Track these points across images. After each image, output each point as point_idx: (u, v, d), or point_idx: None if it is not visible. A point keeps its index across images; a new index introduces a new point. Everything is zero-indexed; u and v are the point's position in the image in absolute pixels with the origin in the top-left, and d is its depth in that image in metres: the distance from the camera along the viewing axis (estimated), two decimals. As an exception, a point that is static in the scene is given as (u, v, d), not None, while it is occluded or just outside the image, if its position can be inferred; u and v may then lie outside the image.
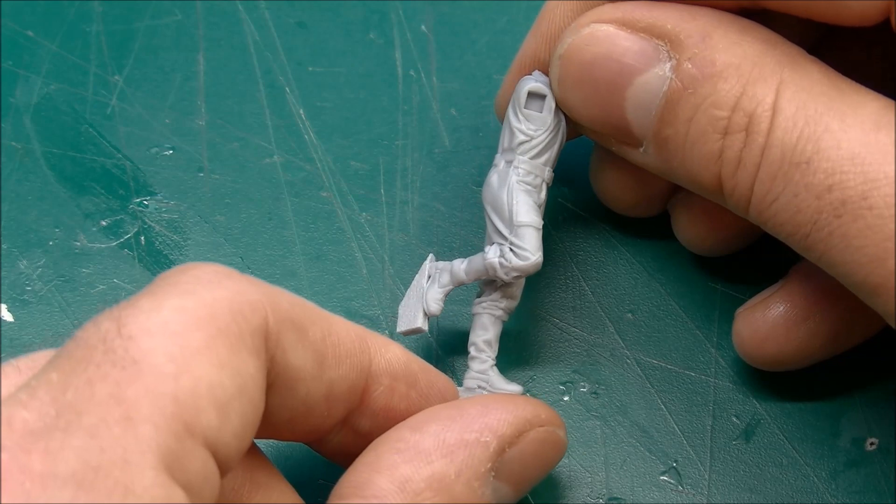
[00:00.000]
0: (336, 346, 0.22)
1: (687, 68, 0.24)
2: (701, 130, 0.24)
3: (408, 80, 0.35)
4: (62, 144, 0.34)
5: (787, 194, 0.23)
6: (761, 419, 0.29)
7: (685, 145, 0.25)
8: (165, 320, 0.19)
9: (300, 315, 0.22)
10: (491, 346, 0.28)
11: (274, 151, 0.33)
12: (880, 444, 0.29)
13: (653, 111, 0.25)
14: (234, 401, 0.19)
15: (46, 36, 0.35)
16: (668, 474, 0.28)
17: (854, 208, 0.22)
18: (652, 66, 0.25)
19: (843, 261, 0.23)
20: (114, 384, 0.18)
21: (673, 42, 0.25)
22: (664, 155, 0.26)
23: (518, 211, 0.27)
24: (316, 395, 0.22)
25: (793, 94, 0.23)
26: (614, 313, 0.31)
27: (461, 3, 0.36)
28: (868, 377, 0.29)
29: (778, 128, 0.23)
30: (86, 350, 0.18)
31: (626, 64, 0.25)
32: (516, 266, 0.27)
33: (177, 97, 0.34)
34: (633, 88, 0.25)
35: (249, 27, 0.36)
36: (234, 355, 0.19)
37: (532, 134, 0.27)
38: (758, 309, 0.28)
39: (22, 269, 0.31)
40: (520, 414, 0.24)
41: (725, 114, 0.24)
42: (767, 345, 0.28)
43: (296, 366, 0.21)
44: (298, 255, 0.32)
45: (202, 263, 0.21)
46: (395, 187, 0.33)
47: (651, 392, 0.29)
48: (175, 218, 0.32)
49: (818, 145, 0.23)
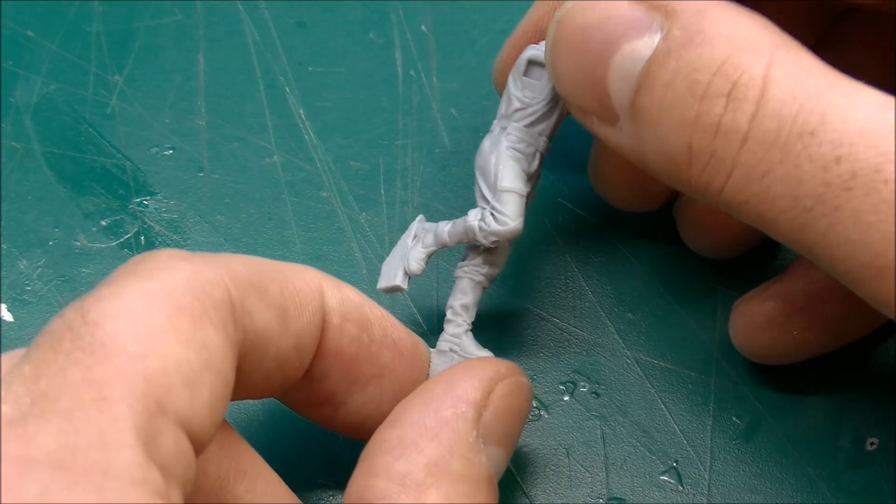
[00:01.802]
0: (295, 296, 0.23)
1: (674, 34, 0.23)
2: (678, 96, 0.22)
3: (408, 80, 0.35)
4: (62, 144, 0.34)
5: (786, 164, 0.21)
6: (761, 419, 0.29)
7: (659, 114, 0.23)
8: (128, 304, 0.19)
9: (256, 276, 0.22)
10: (468, 310, 0.27)
11: (274, 151, 0.33)
12: (881, 444, 0.29)
13: (633, 80, 0.23)
14: (203, 375, 0.19)
15: (46, 36, 0.35)
16: (669, 474, 0.28)
17: (867, 181, 0.20)
18: (642, 35, 0.23)
19: (848, 239, 0.21)
20: (84, 368, 0.18)
21: (668, 12, 0.23)
22: (638, 129, 0.24)
23: (503, 176, 0.26)
24: (286, 349, 0.22)
25: (788, 70, 0.22)
26: (614, 313, 0.31)
27: (461, 3, 0.36)
28: (868, 377, 0.29)
29: (773, 98, 0.22)
30: (54, 340, 0.18)
31: (615, 30, 0.24)
32: (494, 230, 0.26)
33: (177, 97, 0.34)
34: (619, 56, 0.24)
35: (249, 27, 0.36)
36: (199, 331, 0.19)
37: (528, 102, 0.27)
38: (754, 301, 0.28)
39: (22, 269, 0.31)
40: (483, 376, 0.24)
41: (706, 77, 0.22)
42: (761, 336, 0.28)
43: (263, 327, 0.21)
44: (298, 254, 0.32)
45: (158, 250, 0.21)
46: (395, 187, 0.33)
47: (651, 392, 0.29)
48: (175, 218, 0.32)
49: (823, 118, 0.21)
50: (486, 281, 0.28)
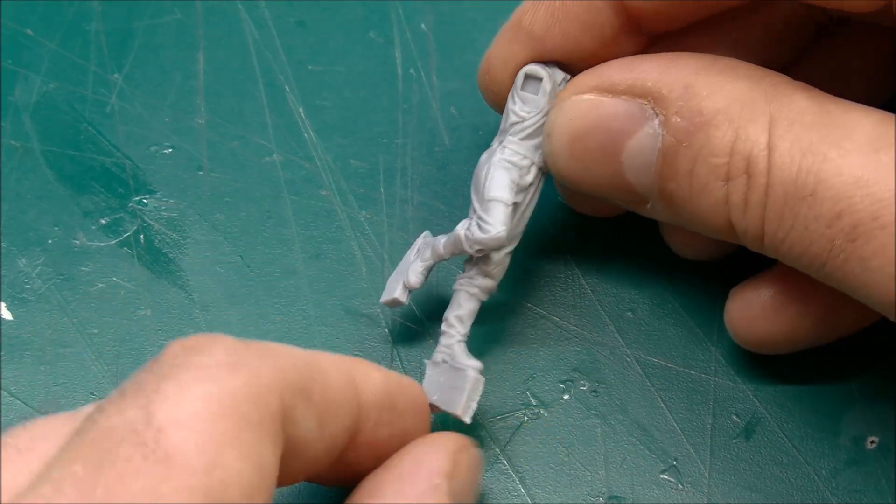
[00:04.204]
0: (333, 399, 0.22)
1: (676, 122, 0.24)
2: (703, 180, 0.24)
3: (408, 79, 0.35)
4: (61, 143, 0.34)
5: (798, 228, 0.23)
6: (761, 417, 0.29)
7: (691, 197, 0.25)
8: (193, 410, 0.18)
9: (304, 381, 0.21)
10: (462, 321, 0.28)
11: (273, 150, 0.33)
12: (881, 443, 0.29)
13: (651, 169, 0.25)
14: (257, 491, 0.19)
15: (46, 35, 0.35)
16: (668, 473, 0.28)
17: (866, 230, 0.22)
18: (641, 126, 0.25)
19: (863, 283, 0.23)
20: (149, 481, 0.17)
21: (656, 98, 0.25)
22: (673, 208, 0.26)
23: (490, 186, 0.27)
24: (320, 452, 0.22)
25: (785, 130, 0.23)
26: (614, 312, 0.31)
27: (461, 2, 0.36)
28: (868, 376, 0.29)
29: (776, 166, 0.23)
30: (113, 441, 0.18)
31: (615, 130, 0.25)
32: (477, 238, 0.27)
33: (176, 96, 0.34)
34: (628, 152, 0.26)
35: (249, 26, 0.36)
36: (258, 445, 0.19)
37: (524, 116, 0.27)
38: (749, 290, 0.28)
39: (21, 268, 0.31)
40: (449, 447, 0.24)
41: (724, 160, 0.24)
42: (756, 324, 0.28)
43: (303, 435, 0.21)
44: (298, 253, 0.32)
45: (212, 340, 0.20)
46: (395, 186, 0.33)
47: (651, 390, 0.29)
48: (174, 216, 0.32)
49: (819, 175, 0.23)
50: (480, 293, 0.28)
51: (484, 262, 0.27)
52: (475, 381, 0.27)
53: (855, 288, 0.23)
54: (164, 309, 0.31)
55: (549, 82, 0.27)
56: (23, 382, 0.30)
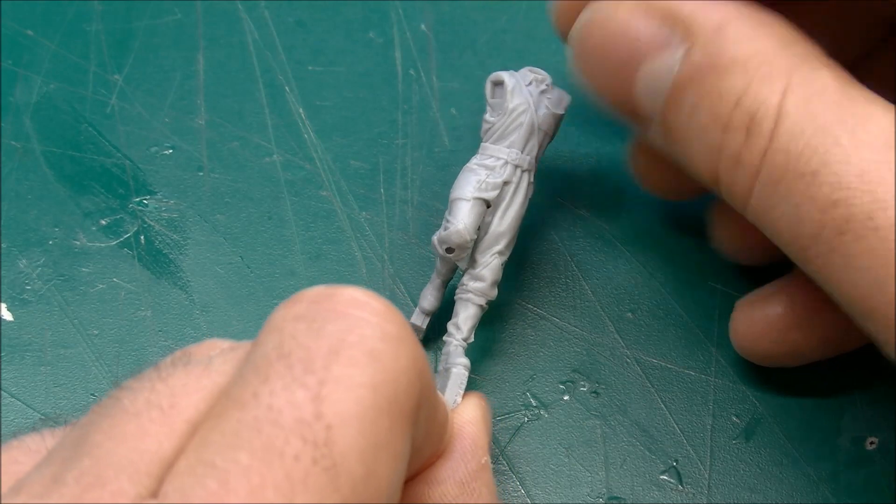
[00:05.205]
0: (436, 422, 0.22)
1: (696, 57, 0.24)
2: (702, 122, 0.24)
3: (407, 79, 0.35)
4: (62, 143, 0.34)
5: (790, 203, 0.22)
6: (761, 418, 0.29)
7: (687, 135, 0.24)
8: (360, 406, 0.18)
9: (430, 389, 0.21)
10: (458, 327, 0.28)
11: (273, 150, 0.33)
12: (880, 444, 0.29)
13: (661, 95, 0.25)
14: (395, 494, 0.19)
15: (46, 35, 0.35)
16: (668, 473, 0.28)
17: (858, 227, 0.21)
18: (663, 51, 0.24)
19: (841, 279, 0.22)
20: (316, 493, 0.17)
21: (687, 29, 0.24)
22: (668, 140, 0.25)
23: (454, 187, 0.28)
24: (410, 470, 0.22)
25: (800, 100, 0.23)
26: (614, 313, 0.31)
27: (461, 2, 0.36)
28: (868, 377, 0.29)
29: (783, 133, 0.22)
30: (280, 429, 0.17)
31: (637, 46, 0.25)
32: (441, 236, 0.27)
33: (176, 96, 0.34)
34: (644, 71, 0.25)
35: (249, 26, 0.36)
36: (403, 444, 0.19)
37: (493, 120, 0.28)
38: (757, 306, 0.28)
39: (21, 268, 0.31)
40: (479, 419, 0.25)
41: (727, 110, 0.23)
42: (762, 342, 0.28)
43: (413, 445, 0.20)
44: (298, 254, 0.32)
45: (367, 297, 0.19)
46: (395, 186, 0.33)
47: (651, 391, 0.29)
48: (175, 217, 0.32)
49: (825, 157, 0.22)
50: (475, 297, 0.28)
51: (472, 265, 0.28)
52: (456, 375, 0.27)
53: (830, 281, 0.22)
54: (165, 310, 0.31)
55: (512, 82, 0.28)
56: (23, 383, 0.30)
